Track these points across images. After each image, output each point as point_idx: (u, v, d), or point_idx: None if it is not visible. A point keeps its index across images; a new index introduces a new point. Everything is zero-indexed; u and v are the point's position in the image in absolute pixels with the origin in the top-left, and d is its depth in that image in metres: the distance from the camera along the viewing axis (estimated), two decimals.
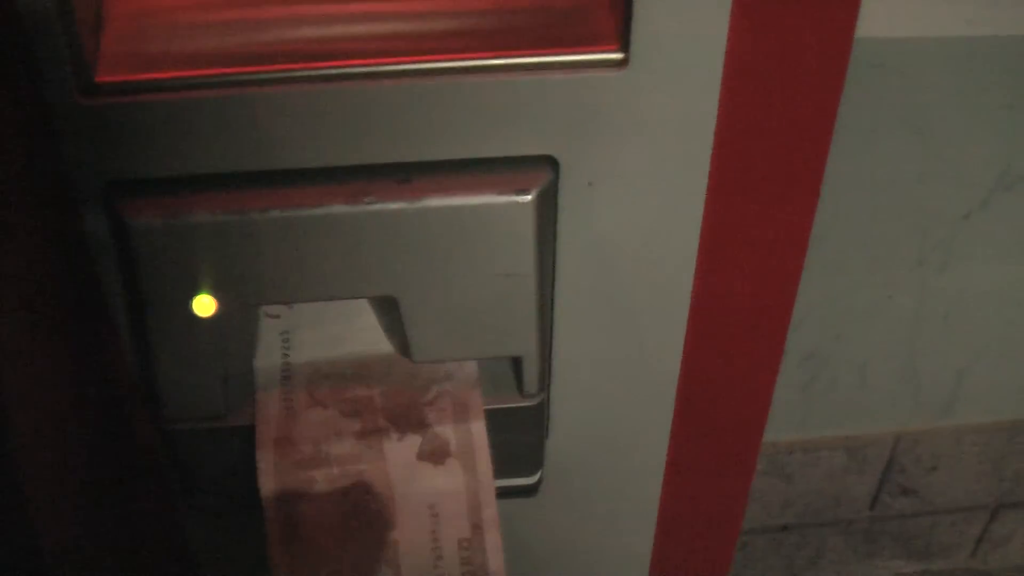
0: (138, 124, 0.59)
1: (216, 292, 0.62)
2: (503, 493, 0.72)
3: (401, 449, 0.64)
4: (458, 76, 0.59)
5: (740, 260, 0.69)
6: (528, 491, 0.72)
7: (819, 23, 0.61)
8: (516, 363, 0.67)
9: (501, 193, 0.61)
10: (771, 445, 1.65)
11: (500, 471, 0.70)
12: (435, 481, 0.64)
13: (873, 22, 1.21)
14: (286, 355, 0.66)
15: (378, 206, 0.60)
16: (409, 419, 0.64)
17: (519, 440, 0.70)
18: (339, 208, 0.60)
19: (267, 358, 0.65)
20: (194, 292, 0.62)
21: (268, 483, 0.64)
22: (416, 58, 0.59)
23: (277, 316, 0.65)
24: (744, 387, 0.77)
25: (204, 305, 0.62)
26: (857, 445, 1.66)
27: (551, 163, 0.62)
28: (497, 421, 0.68)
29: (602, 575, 0.84)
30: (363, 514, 0.64)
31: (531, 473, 0.72)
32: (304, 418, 0.65)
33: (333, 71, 0.59)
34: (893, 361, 1.57)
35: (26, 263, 0.60)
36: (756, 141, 0.64)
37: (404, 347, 0.64)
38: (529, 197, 0.61)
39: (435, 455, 0.64)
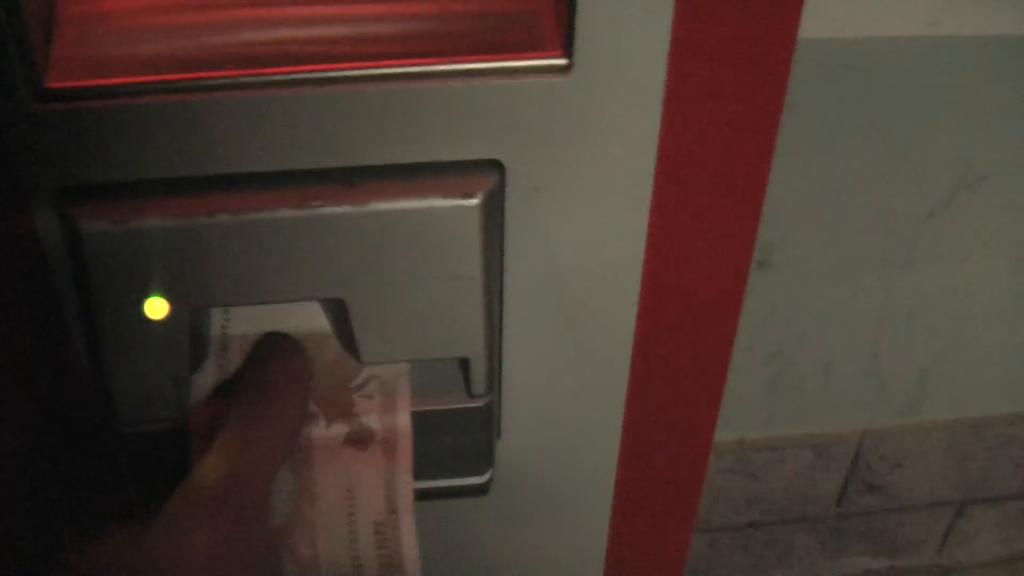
0: (89, 129, 0.60)
1: (167, 295, 0.63)
2: (454, 492, 0.73)
3: (327, 435, 0.65)
4: (403, 82, 0.60)
5: (688, 259, 0.70)
6: (479, 490, 0.73)
7: (761, 24, 0.62)
8: (464, 364, 0.67)
9: (447, 197, 0.62)
10: (737, 443, 1.67)
11: (450, 471, 0.71)
12: (356, 466, 0.65)
13: (834, 23, 1.22)
14: (225, 327, 0.66)
15: (325, 210, 0.61)
16: (337, 405, 0.65)
17: (468, 441, 0.70)
18: (286, 212, 0.61)
19: (210, 329, 0.66)
20: (145, 295, 0.63)
21: (197, 394, 0.65)
22: (361, 64, 0.60)
23: None
24: (695, 384, 0.78)
25: (155, 308, 0.63)
26: (823, 443, 1.67)
27: (497, 167, 0.63)
28: (446, 422, 0.69)
29: (556, 574, 0.85)
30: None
31: (482, 472, 0.72)
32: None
33: (280, 77, 0.60)
34: (858, 359, 1.59)
35: None
36: (701, 143, 0.65)
37: (352, 348, 0.65)
38: (475, 201, 0.62)
39: (359, 442, 0.65)
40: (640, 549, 0.86)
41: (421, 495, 0.70)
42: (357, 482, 0.65)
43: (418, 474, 0.68)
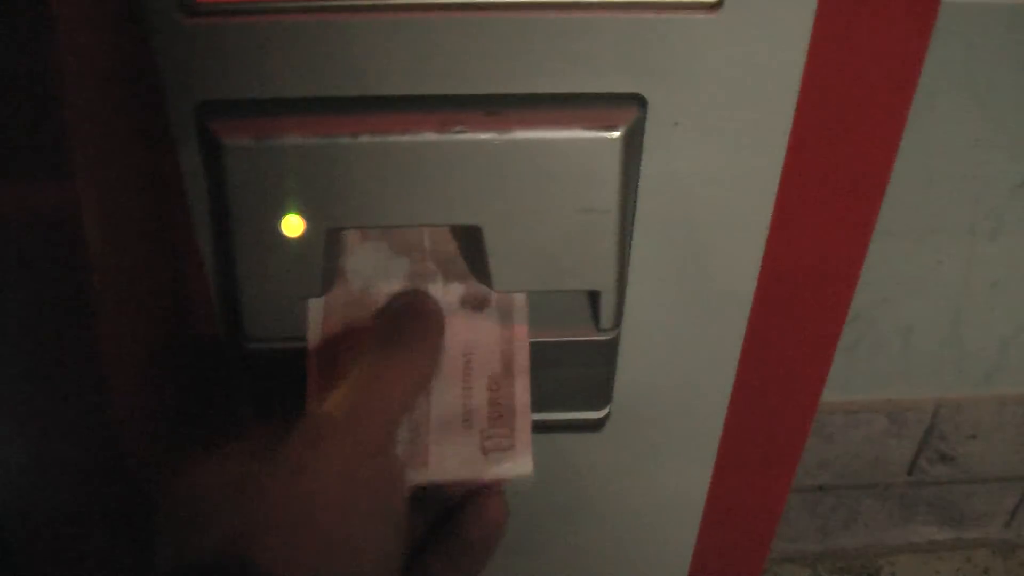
0: (234, 45, 0.60)
1: (303, 214, 0.63)
2: (570, 426, 0.73)
3: (444, 293, 0.65)
4: (550, 11, 0.60)
5: (816, 212, 0.70)
6: (595, 426, 0.73)
7: None
8: (593, 297, 0.67)
9: (589, 128, 0.61)
10: None
11: (569, 404, 0.71)
12: (472, 325, 0.65)
13: None
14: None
15: (466, 136, 0.61)
16: (456, 267, 0.66)
17: (592, 374, 0.70)
18: (428, 136, 0.61)
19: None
20: (282, 213, 0.63)
21: (316, 319, 0.65)
22: None
23: None
24: (810, 339, 0.77)
25: (292, 225, 0.63)
26: (898, 409, 1.67)
27: (639, 101, 0.62)
28: (571, 354, 0.69)
29: (657, 513, 0.85)
30: None
31: (600, 407, 0.73)
32: (356, 253, 0.66)
33: (426, 0, 0.59)
34: (938, 327, 1.57)
35: (122, 173, 0.61)
36: (841, 92, 0.65)
37: (484, 275, 0.65)
38: (617, 133, 0.61)
39: (476, 303, 0.65)
40: (739, 497, 0.86)
41: (538, 427, 0.70)
42: (473, 343, 0.65)
43: (537, 406, 0.68)
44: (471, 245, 0.66)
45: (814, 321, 0.76)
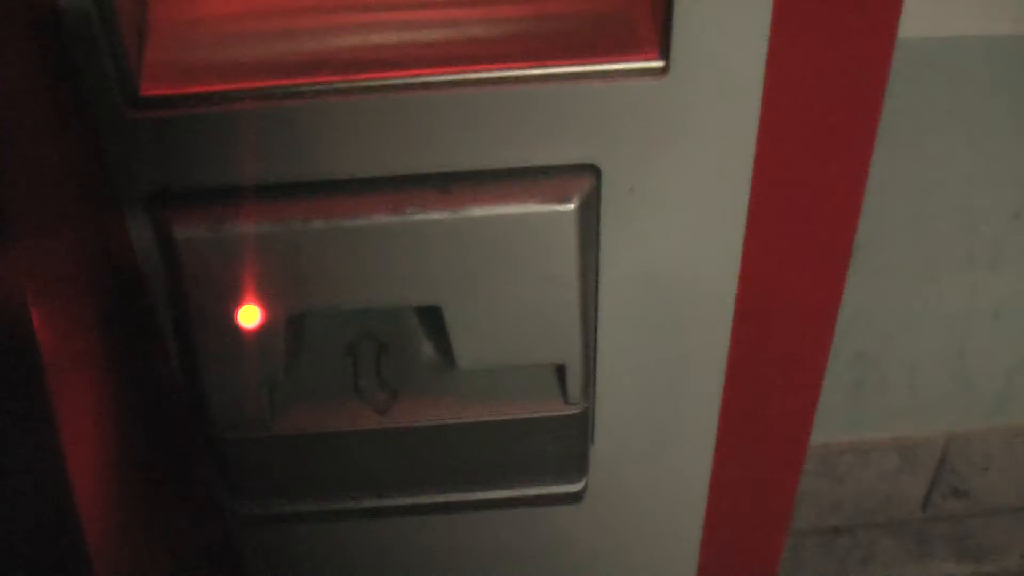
0: (182, 135, 0.60)
1: (261, 302, 0.62)
2: (548, 500, 0.72)
3: None
4: (498, 86, 0.59)
5: (784, 263, 0.69)
6: (573, 498, 0.73)
7: (860, 26, 0.61)
8: (560, 370, 0.67)
9: (544, 201, 0.61)
10: (822, 447, 1.65)
11: (545, 478, 0.71)
12: None
13: (920, 21, 1.21)
14: None
15: (421, 216, 0.61)
16: None
17: (564, 448, 0.70)
18: (382, 218, 0.61)
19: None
20: (239, 302, 0.62)
21: None
22: (455, 68, 0.59)
23: None
24: (791, 389, 0.77)
25: (249, 315, 0.62)
26: (908, 446, 1.65)
27: (593, 170, 0.62)
28: (542, 428, 0.68)
29: None
30: None
31: (576, 480, 0.72)
32: None
33: (373, 83, 0.59)
34: (943, 361, 1.56)
35: (73, 264, 0.61)
36: (799, 145, 0.64)
37: (447, 353, 0.65)
38: (572, 205, 0.61)
39: None
40: (733, 554, 0.85)
41: (514, 502, 0.69)
42: None
43: (512, 481, 0.67)
44: (433, 325, 0.65)
45: (795, 368, 0.76)
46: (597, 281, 0.66)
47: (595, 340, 0.68)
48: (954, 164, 1.32)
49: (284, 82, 0.59)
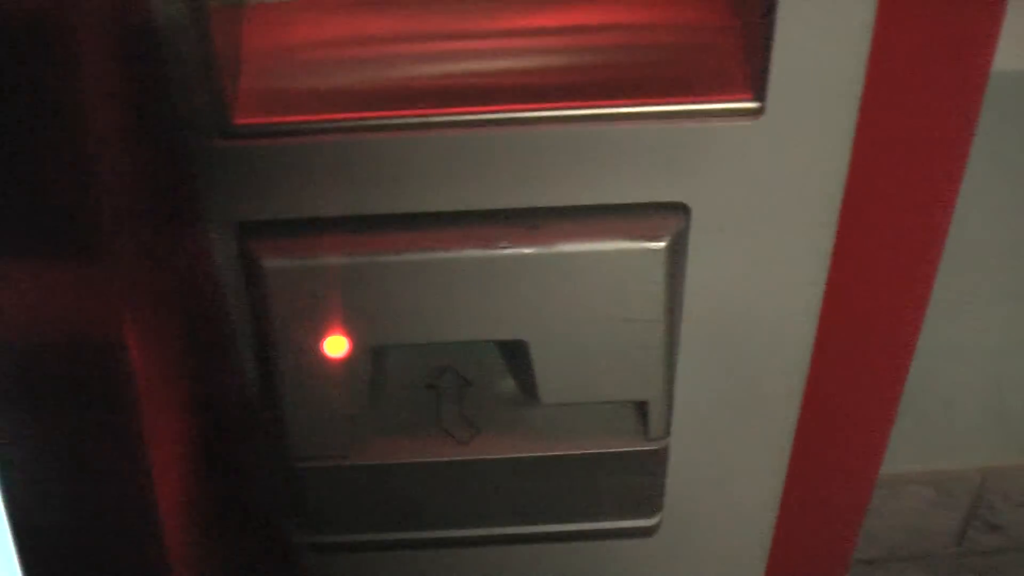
0: (273, 166, 0.60)
1: (346, 332, 0.62)
2: (622, 534, 0.72)
3: None
4: (591, 123, 0.59)
5: (864, 302, 0.69)
6: (647, 532, 0.72)
7: (955, 70, 0.61)
8: (641, 407, 0.67)
9: (634, 239, 0.61)
10: None
11: (620, 512, 0.71)
12: None
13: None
14: None
15: (510, 251, 0.60)
16: None
17: (641, 483, 0.70)
18: (472, 252, 0.61)
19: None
20: (324, 332, 0.62)
21: None
22: (549, 104, 0.59)
23: None
24: (860, 430, 0.77)
25: (335, 346, 0.62)
26: (944, 480, 1.65)
27: (683, 210, 0.62)
28: (621, 463, 0.68)
29: None
30: None
31: (651, 515, 0.72)
32: None
33: (465, 117, 0.59)
34: (981, 395, 1.56)
35: (162, 287, 0.61)
36: (886, 192, 0.64)
37: (531, 388, 0.65)
38: (662, 244, 0.61)
39: None
40: None
41: (588, 535, 0.69)
42: None
43: (587, 515, 0.67)
44: (516, 359, 0.65)
45: (866, 409, 0.76)
46: (680, 318, 0.66)
47: (674, 376, 0.68)
48: (997, 196, 1.32)
49: (376, 114, 0.59)
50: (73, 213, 0.53)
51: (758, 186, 0.62)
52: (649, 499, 0.71)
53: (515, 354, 0.65)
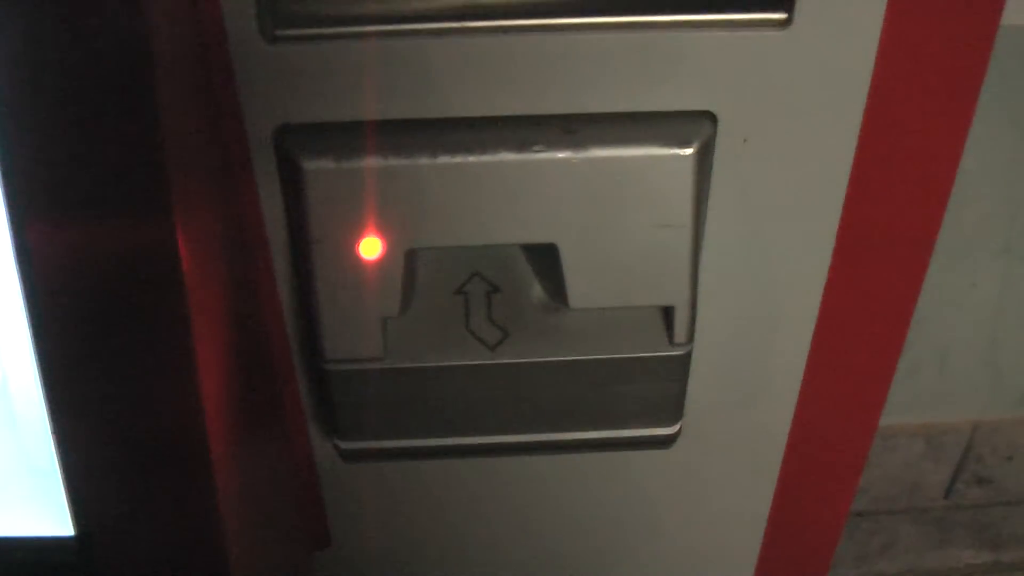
0: (314, 69, 0.61)
1: (382, 235, 0.64)
2: (640, 443, 0.73)
3: None
4: (625, 31, 0.61)
5: (880, 224, 0.71)
6: (666, 441, 0.74)
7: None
8: (667, 312, 0.68)
9: (663, 145, 0.62)
10: None
11: (642, 421, 0.72)
12: None
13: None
14: None
15: (545, 155, 0.62)
16: None
17: (665, 389, 0.71)
18: (507, 156, 0.62)
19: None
20: (360, 234, 0.64)
21: None
22: (583, 15, 0.61)
23: None
24: (871, 358, 0.78)
25: (370, 247, 0.64)
26: (935, 433, 1.66)
27: (710, 118, 0.63)
28: (647, 369, 0.70)
29: (719, 531, 0.86)
30: None
31: (671, 423, 0.73)
32: None
33: (504, 23, 0.60)
34: (974, 349, 1.57)
35: (205, 188, 0.62)
36: (905, 102, 0.66)
37: (558, 292, 0.66)
38: (690, 150, 0.62)
39: None
40: (801, 513, 0.87)
41: (609, 444, 0.71)
42: None
43: (610, 422, 0.69)
44: (544, 265, 0.67)
45: (878, 334, 0.77)
46: (704, 225, 0.67)
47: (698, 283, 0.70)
48: (997, 150, 1.33)
49: (414, 21, 0.61)
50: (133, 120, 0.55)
51: (783, 96, 0.63)
52: (671, 407, 0.72)
53: (543, 259, 0.67)
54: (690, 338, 0.69)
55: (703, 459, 0.79)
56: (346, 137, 0.63)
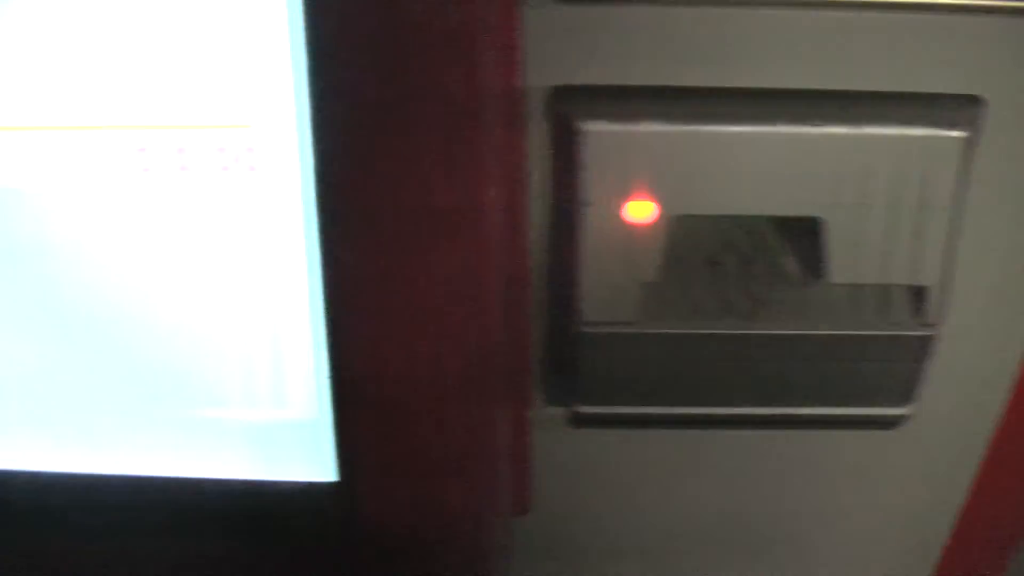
0: (601, 32, 0.63)
1: (650, 199, 0.65)
2: (868, 422, 0.74)
3: None
4: (901, 12, 0.62)
5: None
6: (892, 423, 0.75)
7: None
8: (918, 292, 0.69)
9: (934, 127, 0.64)
10: None
11: (876, 399, 0.73)
12: None
13: None
14: None
15: (821, 129, 0.63)
16: None
17: (906, 369, 0.72)
18: (783, 128, 0.63)
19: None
20: (628, 197, 0.65)
21: None
22: None
23: None
24: None
25: (638, 211, 0.65)
26: None
27: (980, 102, 0.64)
28: (893, 347, 0.71)
29: (910, 519, 0.86)
30: None
31: (902, 404, 0.74)
32: None
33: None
34: None
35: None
36: None
37: (817, 267, 0.67)
38: (960, 133, 0.64)
39: None
40: (996, 508, 0.87)
41: (838, 421, 0.72)
42: None
43: (846, 398, 0.70)
44: (798, 238, 0.68)
45: None
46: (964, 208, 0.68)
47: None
48: None
49: None
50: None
51: None
52: (907, 387, 0.73)
53: (799, 233, 0.68)
54: (941, 319, 0.70)
55: (916, 444, 0.80)
56: (623, 101, 0.64)
